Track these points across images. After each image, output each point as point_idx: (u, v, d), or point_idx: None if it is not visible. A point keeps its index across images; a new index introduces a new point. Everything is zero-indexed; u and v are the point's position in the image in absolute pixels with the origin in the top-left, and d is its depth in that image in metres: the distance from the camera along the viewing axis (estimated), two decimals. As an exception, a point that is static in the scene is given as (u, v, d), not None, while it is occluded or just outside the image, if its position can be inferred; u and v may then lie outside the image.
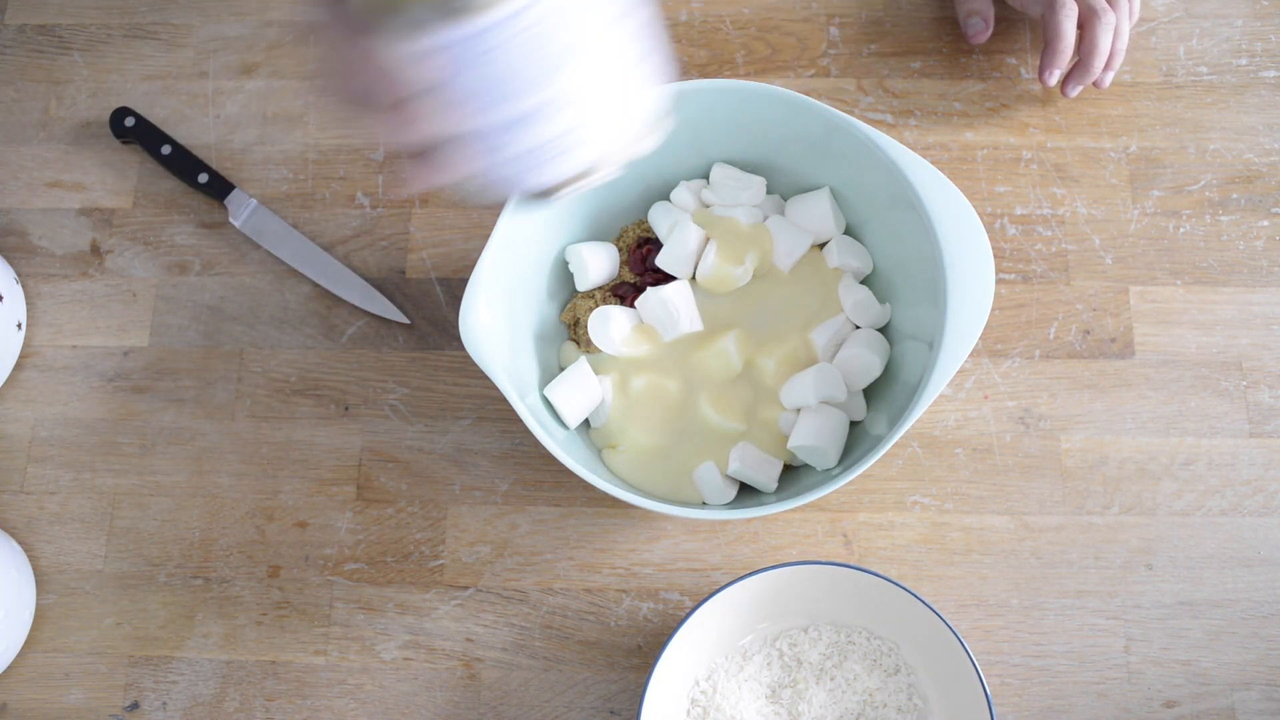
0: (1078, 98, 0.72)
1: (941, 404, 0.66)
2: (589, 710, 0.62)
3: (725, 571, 0.64)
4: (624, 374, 0.62)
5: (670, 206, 0.65)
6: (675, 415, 0.62)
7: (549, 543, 0.65)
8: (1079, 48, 0.69)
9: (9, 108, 0.76)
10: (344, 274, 0.69)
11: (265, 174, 0.74)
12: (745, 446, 0.60)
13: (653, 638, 0.63)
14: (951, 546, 0.64)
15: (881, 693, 0.59)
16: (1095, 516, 0.64)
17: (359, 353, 0.70)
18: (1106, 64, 0.69)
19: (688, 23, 0.75)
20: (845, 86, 0.73)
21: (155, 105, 0.76)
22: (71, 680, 0.64)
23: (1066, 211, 0.70)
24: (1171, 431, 0.65)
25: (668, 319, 0.61)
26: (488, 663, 0.63)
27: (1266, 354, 0.67)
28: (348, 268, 0.70)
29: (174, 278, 0.72)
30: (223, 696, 0.64)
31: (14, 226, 0.73)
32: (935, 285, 0.56)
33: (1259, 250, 0.69)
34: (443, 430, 0.68)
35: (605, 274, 0.65)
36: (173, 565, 0.66)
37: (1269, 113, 0.71)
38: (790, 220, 0.64)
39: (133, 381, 0.70)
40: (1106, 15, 0.67)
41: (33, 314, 0.71)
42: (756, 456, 0.60)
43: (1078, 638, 0.62)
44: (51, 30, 0.78)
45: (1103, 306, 0.68)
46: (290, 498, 0.67)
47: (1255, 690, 0.61)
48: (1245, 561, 0.63)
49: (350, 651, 0.64)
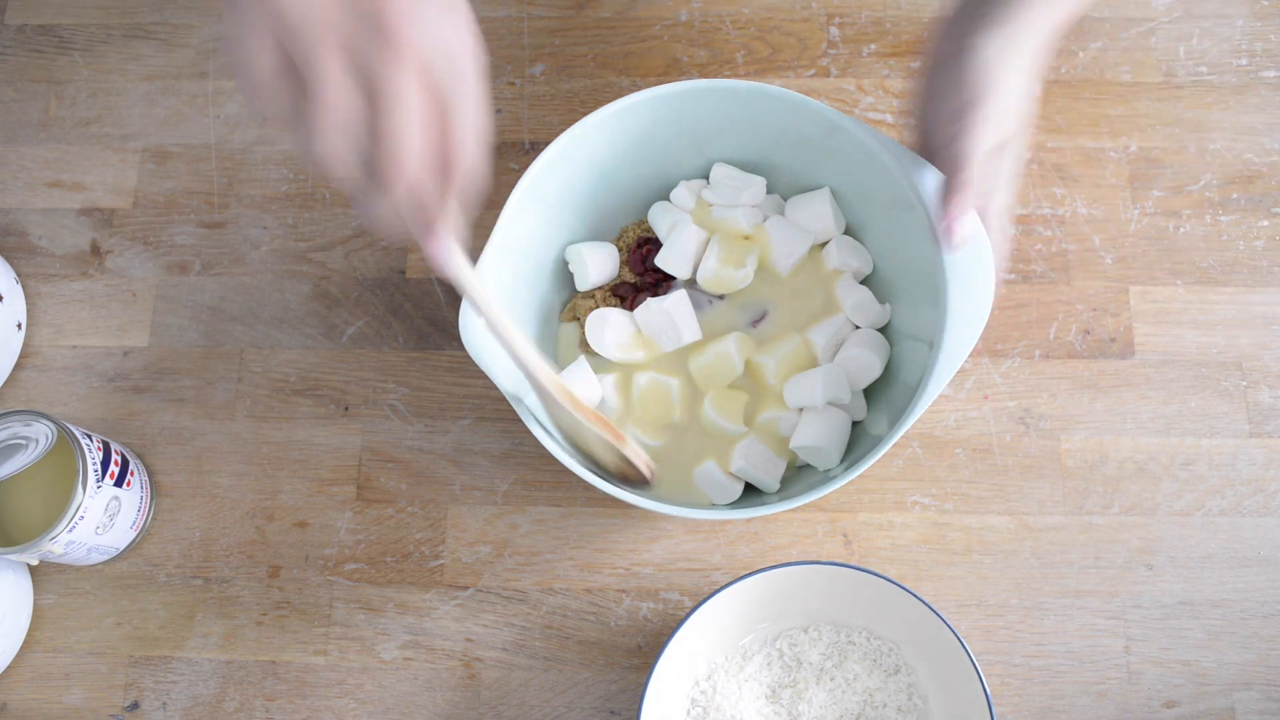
0: (1077, 98, 0.72)
1: (941, 404, 0.66)
2: (589, 710, 0.62)
3: (725, 571, 0.64)
4: (625, 373, 0.62)
5: (670, 206, 0.65)
6: (676, 415, 0.62)
7: (549, 543, 0.65)
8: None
9: (9, 108, 0.76)
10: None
11: (265, 174, 0.74)
12: (750, 444, 0.60)
13: (653, 638, 0.63)
14: (951, 546, 0.64)
15: (881, 693, 0.59)
16: (1095, 516, 0.64)
17: (359, 353, 0.70)
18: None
19: (688, 23, 0.75)
20: (845, 86, 0.73)
21: (155, 105, 0.76)
22: (71, 680, 0.64)
23: (1066, 211, 0.70)
24: (1171, 431, 0.65)
25: (669, 330, 0.61)
26: (488, 663, 0.63)
27: (1266, 354, 0.67)
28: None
29: (174, 278, 0.72)
30: (223, 696, 0.64)
31: (14, 226, 0.73)
32: (935, 286, 0.56)
33: (1259, 250, 0.69)
34: (443, 430, 0.68)
35: (605, 274, 0.65)
36: (172, 565, 0.66)
37: (1269, 113, 0.71)
38: (790, 220, 0.64)
39: (133, 381, 0.70)
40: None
41: (33, 314, 0.71)
42: (761, 455, 0.60)
43: (1078, 638, 0.62)
44: (51, 30, 0.78)
45: (1103, 306, 0.68)
46: (290, 498, 0.67)
47: (1255, 690, 0.61)
48: (1245, 561, 0.63)
49: (350, 651, 0.64)
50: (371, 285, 0.71)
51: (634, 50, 0.75)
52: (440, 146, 0.41)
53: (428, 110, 0.40)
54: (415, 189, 0.41)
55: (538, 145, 0.73)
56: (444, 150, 0.41)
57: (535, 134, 0.74)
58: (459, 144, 0.41)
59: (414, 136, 0.39)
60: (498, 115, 0.74)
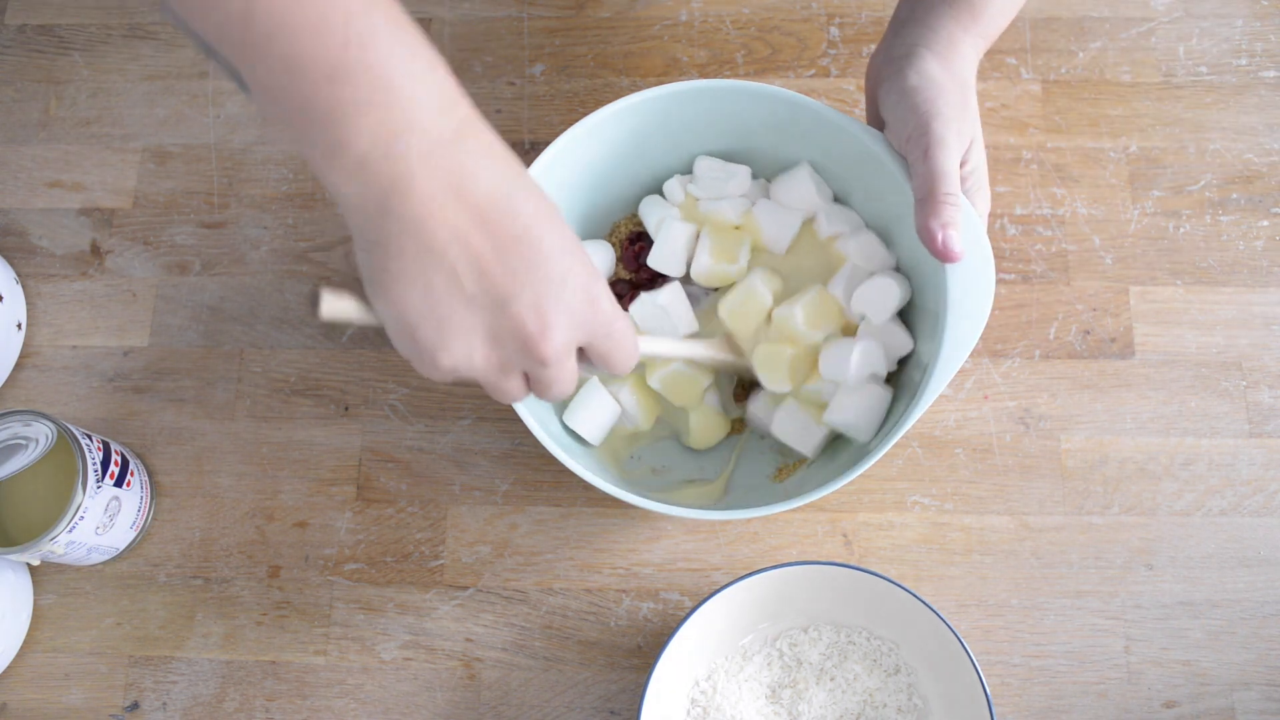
0: (1077, 98, 0.72)
1: (941, 404, 0.66)
2: (589, 710, 0.62)
3: (725, 571, 0.64)
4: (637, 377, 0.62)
5: (659, 200, 0.65)
6: (705, 385, 0.63)
7: (549, 543, 0.65)
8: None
9: (9, 108, 0.76)
10: None
11: (265, 174, 0.74)
12: (791, 410, 0.60)
13: (653, 638, 0.63)
14: (951, 546, 0.64)
15: (881, 693, 0.59)
16: (1095, 516, 0.64)
17: (359, 353, 0.70)
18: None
19: (688, 23, 0.75)
20: (845, 86, 0.73)
21: (155, 105, 0.76)
22: (71, 680, 0.64)
23: (1066, 211, 0.70)
24: (1171, 431, 0.65)
25: (665, 324, 0.61)
26: (488, 663, 0.63)
27: (1266, 354, 0.67)
28: None
29: (174, 278, 0.72)
30: (223, 696, 0.64)
31: (14, 226, 0.73)
32: (935, 286, 0.56)
33: (1259, 250, 0.69)
34: (443, 430, 0.68)
35: (602, 272, 0.65)
36: (173, 565, 0.66)
37: (1269, 113, 0.71)
38: (776, 201, 0.63)
39: (133, 381, 0.70)
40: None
41: (33, 314, 0.71)
42: (799, 421, 0.60)
43: (1078, 638, 0.62)
44: (51, 30, 0.78)
45: (1103, 306, 0.68)
46: (290, 498, 0.67)
47: (1255, 690, 0.61)
48: (1245, 561, 0.63)
49: (350, 651, 0.64)
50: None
51: (634, 50, 0.75)
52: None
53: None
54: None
55: (538, 145, 0.73)
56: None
57: (535, 134, 0.74)
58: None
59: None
60: (497, 115, 0.74)
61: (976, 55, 0.57)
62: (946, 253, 0.52)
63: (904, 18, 0.59)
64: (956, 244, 0.52)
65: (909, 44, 0.56)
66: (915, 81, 0.54)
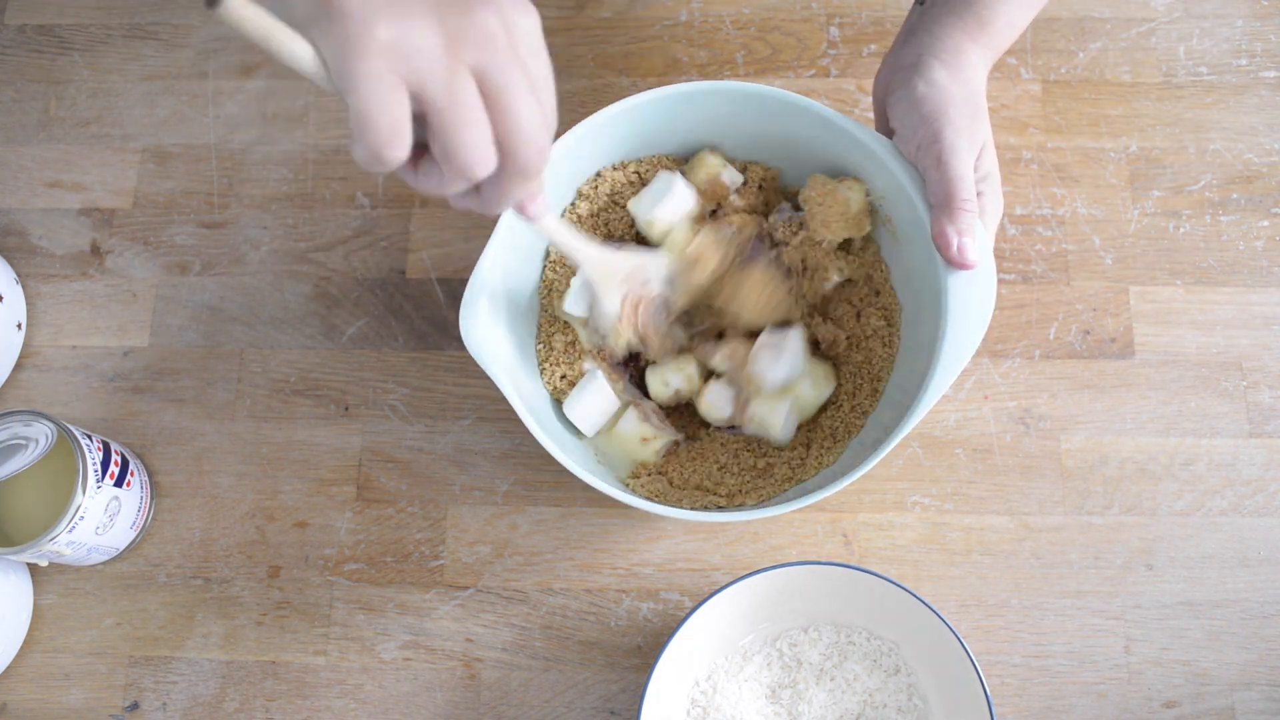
0: (1077, 98, 0.72)
1: (941, 404, 0.66)
2: (589, 710, 0.62)
3: (725, 571, 0.64)
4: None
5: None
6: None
7: (549, 543, 0.65)
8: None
9: (9, 108, 0.76)
10: None
11: (265, 174, 0.74)
12: (724, 389, 0.62)
13: (653, 638, 0.63)
14: (951, 546, 0.64)
15: (881, 693, 0.59)
16: (1095, 517, 0.64)
17: (359, 353, 0.70)
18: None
19: (687, 23, 0.75)
20: (845, 86, 0.73)
21: (155, 105, 0.76)
22: (71, 680, 0.64)
23: (1066, 211, 0.70)
24: (1171, 431, 0.65)
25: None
26: (488, 663, 0.63)
27: (1266, 354, 0.67)
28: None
29: (174, 278, 0.72)
30: (223, 697, 0.64)
31: (14, 226, 0.73)
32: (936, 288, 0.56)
33: (1259, 250, 0.69)
34: (443, 430, 0.68)
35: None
36: (173, 565, 0.66)
37: (1269, 113, 0.71)
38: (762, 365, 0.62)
39: (133, 381, 0.70)
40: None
41: (33, 314, 0.71)
42: (762, 409, 0.61)
43: (1078, 638, 0.62)
44: (51, 30, 0.78)
45: (1103, 306, 0.68)
46: (290, 498, 0.67)
47: (1255, 690, 0.61)
48: (1245, 561, 0.63)
49: (350, 651, 0.64)
50: (371, 285, 0.71)
51: (634, 50, 0.75)
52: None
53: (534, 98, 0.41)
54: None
55: (538, 145, 0.73)
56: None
57: (535, 134, 0.74)
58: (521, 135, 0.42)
59: (536, 122, 0.41)
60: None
61: (985, 65, 0.57)
62: (962, 260, 0.53)
63: (912, 27, 0.59)
64: (972, 252, 0.53)
65: (917, 53, 0.56)
66: (924, 90, 0.54)
